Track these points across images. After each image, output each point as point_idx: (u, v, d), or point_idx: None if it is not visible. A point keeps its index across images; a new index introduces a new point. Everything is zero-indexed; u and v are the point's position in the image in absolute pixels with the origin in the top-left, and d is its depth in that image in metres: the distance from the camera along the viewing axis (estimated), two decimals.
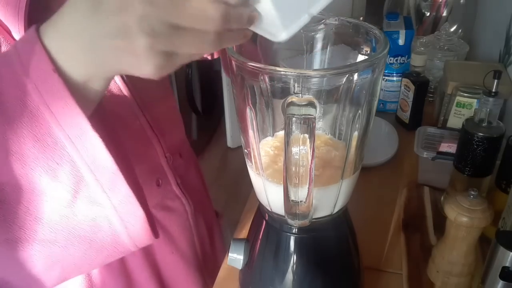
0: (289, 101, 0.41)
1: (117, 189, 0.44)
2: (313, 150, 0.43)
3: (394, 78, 1.10)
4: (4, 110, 0.38)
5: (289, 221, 0.49)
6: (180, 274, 0.73)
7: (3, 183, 0.41)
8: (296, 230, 0.53)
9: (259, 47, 0.51)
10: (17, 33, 0.47)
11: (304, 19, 0.37)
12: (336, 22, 0.52)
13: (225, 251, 0.74)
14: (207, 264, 0.79)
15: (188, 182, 0.74)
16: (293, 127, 0.41)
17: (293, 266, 0.54)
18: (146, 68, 0.35)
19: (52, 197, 0.43)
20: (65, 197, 0.43)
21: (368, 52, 0.51)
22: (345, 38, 0.53)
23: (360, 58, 0.52)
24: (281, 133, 0.55)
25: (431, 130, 0.91)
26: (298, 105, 0.41)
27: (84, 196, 0.43)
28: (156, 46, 0.34)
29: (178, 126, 0.76)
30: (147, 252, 0.68)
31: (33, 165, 0.40)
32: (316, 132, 0.43)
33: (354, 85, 0.44)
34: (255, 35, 0.39)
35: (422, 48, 1.17)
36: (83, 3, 0.35)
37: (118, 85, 0.59)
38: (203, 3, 0.33)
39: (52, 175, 0.41)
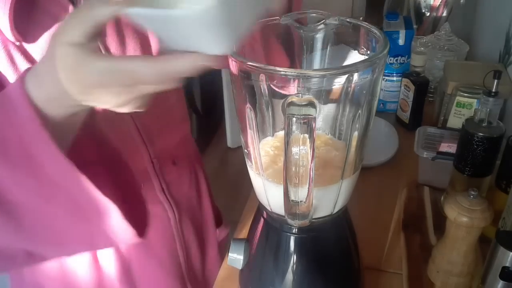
0: (289, 101, 0.41)
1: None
2: (313, 150, 0.43)
3: (394, 78, 1.10)
4: (40, 192, 0.41)
5: (289, 221, 0.49)
6: (157, 281, 0.72)
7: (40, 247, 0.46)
8: (296, 230, 0.53)
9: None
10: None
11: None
12: (336, 22, 0.51)
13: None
14: (195, 276, 0.77)
15: (178, 190, 0.71)
16: (293, 127, 0.41)
17: (293, 266, 0.54)
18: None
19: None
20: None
21: (368, 52, 0.51)
22: (345, 38, 0.53)
23: (360, 58, 0.52)
24: (281, 133, 0.55)
25: (431, 130, 0.91)
26: (298, 105, 0.41)
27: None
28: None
29: (174, 131, 0.71)
30: (120, 254, 0.67)
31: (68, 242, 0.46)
32: (316, 132, 0.43)
33: (354, 85, 0.44)
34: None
35: (422, 48, 1.17)
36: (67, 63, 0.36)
37: None
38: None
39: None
